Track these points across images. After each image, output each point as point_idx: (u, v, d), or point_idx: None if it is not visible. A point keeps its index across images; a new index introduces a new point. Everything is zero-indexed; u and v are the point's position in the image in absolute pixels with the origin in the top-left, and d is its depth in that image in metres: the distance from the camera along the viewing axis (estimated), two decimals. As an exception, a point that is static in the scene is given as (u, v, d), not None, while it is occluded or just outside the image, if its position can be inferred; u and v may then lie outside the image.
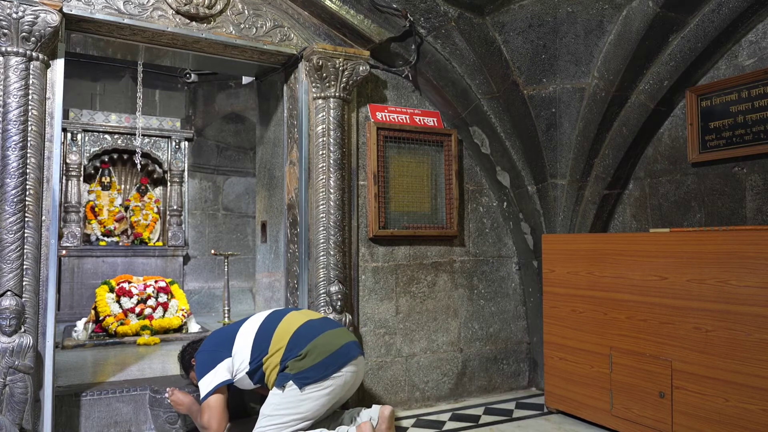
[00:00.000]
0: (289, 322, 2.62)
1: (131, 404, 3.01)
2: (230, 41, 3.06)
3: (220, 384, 2.54)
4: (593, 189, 3.64)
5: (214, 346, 2.67)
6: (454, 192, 3.72)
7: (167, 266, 6.97)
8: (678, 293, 2.68)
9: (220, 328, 2.94)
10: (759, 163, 3.06)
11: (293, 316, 2.67)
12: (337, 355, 2.51)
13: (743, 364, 2.41)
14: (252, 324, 2.69)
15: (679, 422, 2.65)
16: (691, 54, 3.17)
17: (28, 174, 2.51)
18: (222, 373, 2.55)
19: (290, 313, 2.71)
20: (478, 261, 3.90)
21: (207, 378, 2.54)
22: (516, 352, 3.99)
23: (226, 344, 2.64)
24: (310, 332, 2.56)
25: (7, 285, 2.43)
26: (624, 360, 2.93)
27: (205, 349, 2.68)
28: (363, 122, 3.50)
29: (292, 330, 2.57)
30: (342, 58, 3.19)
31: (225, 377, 2.55)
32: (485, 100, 3.64)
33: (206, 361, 2.60)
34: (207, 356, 2.62)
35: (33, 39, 2.51)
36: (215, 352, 2.62)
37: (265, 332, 2.61)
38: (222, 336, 2.72)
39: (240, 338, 2.64)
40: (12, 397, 2.39)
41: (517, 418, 3.35)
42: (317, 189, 3.22)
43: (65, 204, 6.58)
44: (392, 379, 3.51)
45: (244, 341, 2.62)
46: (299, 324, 2.60)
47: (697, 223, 3.35)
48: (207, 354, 2.64)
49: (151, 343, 4.79)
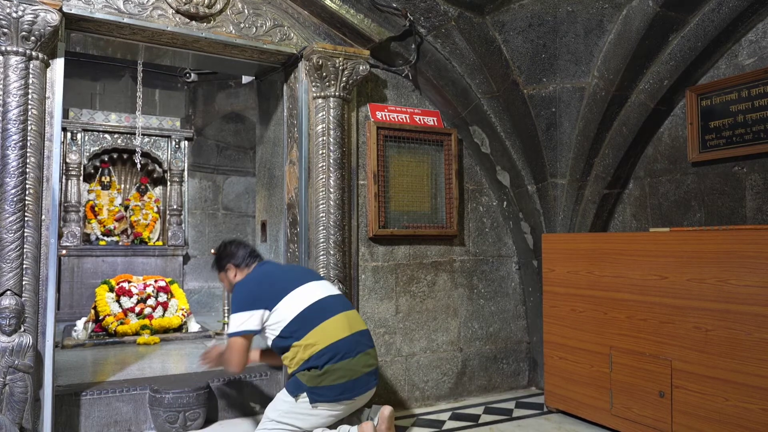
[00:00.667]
0: (335, 327, 2.50)
1: (131, 403, 3.01)
2: (230, 40, 3.06)
3: (248, 332, 2.51)
4: (593, 188, 3.64)
5: (260, 289, 2.58)
6: (454, 191, 3.72)
7: (167, 266, 6.97)
8: (678, 293, 2.68)
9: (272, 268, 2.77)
10: (759, 163, 3.06)
11: (341, 321, 2.53)
12: (356, 383, 2.45)
13: (743, 364, 2.41)
14: (304, 296, 2.57)
15: (678, 421, 2.65)
16: (691, 53, 3.17)
17: (27, 173, 2.51)
18: (254, 321, 2.50)
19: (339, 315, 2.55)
20: (478, 260, 3.90)
21: (239, 317, 2.50)
22: (516, 351, 3.99)
23: (271, 297, 2.55)
24: (346, 348, 2.46)
25: (7, 284, 2.43)
26: (624, 359, 2.93)
27: (249, 286, 2.62)
28: (363, 122, 3.50)
29: (334, 339, 2.46)
30: (342, 58, 3.19)
31: (254, 327, 2.50)
32: (485, 100, 3.64)
33: (246, 299, 2.55)
34: (248, 294, 2.57)
35: (33, 38, 2.51)
36: (258, 297, 2.55)
37: (311, 316, 2.50)
38: (272, 283, 2.61)
39: (288, 302, 2.53)
40: (12, 397, 2.39)
41: (517, 417, 3.35)
42: (317, 188, 3.22)
43: (65, 203, 6.58)
44: (392, 378, 3.51)
45: (289, 308, 2.52)
46: (343, 335, 2.49)
47: (697, 222, 3.34)
48: (249, 292, 2.58)
49: (150, 342, 4.79)
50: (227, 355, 2.55)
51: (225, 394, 3.24)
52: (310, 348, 2.44)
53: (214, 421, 3.17)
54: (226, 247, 2.88)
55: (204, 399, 3.07)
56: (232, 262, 2.81)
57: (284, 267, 2.94)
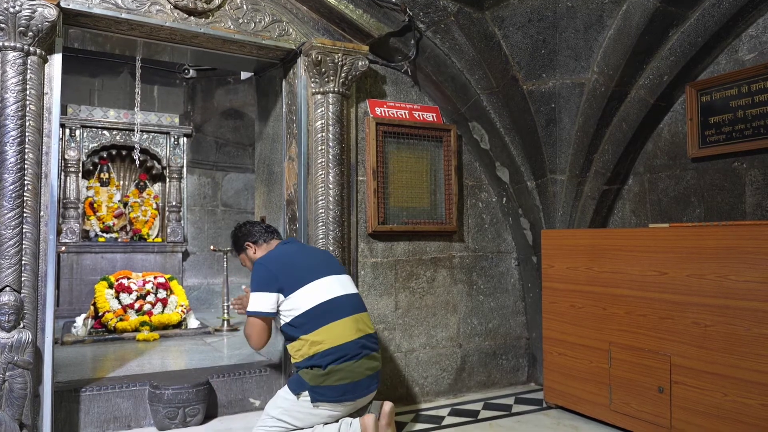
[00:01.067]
0: (344, 329, 2.48)
1: (131, 399, 3.01)
2: (228, 36, 3.05)
3: (263, 315, 2.51)
4: (593, 184, 3.63)
5: (280, 271, 2.55)
6: (454, 187, 3.71)
7: (166, 262, 6.97)
8: (677, 288, 2.68)
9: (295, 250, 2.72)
10: (759, 158, 3.06)
11: (350, 324, 2.51)
12: (358, 385, 2.45)
13: (742, 359, 2.41)
14: (321, 290, 2.53)
15: (677, 417, 2.66)
16: (691, 49, 3.16)
17: (26, 169, 2.51)
18: (270, 303, 2.49)
19: (350, 318, 2.53)
20: (478, 256, 3.90)
21: (257, 297, 2.50)
22: (515, 347, 4.00)
23: (289, 283, 2.51)
24: (351, 351, 2.45)
25: (6, 281, 2.43)
26: (623, 355, 2.94)
27: (268, 266, 2.57)
28: (362, 117, 3.49)
29: (341, 341, 2.44)
30: (341, 53, 3.18)
31: (270, 309, 2.49)
32: (484, 96, 3.63)
33: (263, 279, 2.53)
34: (266, 274, 2.53)
35: (30, 34, 2.50)
36: (275, 279, 2.52)
37: (323, 313, 2.48)
38: (292, 267, 2.57)
39: (304, 292, 2.50)
40: (11, 393, 2.39)
41: (516, 413, 3.36)
42: (316, 184, 3.21)
43: (64, 200, 6.57)
44: (391, 374, 3.51)
45: (303, 300, 2.49)
46: (350, 339, 2.47)
47: (697, 218, 3.34)
48: (267, 272, 2.54)
49: (150, 338, 4.79)
50: (247, 331, 2.57)
51: (224, 390, 3.24)
52: (316, 345, 2.43)
53: (214, 417, 3.17)
54: (240, 228, 2.91)
55: (203, 395, 3.07)
56: (250, 239, 2.83)
57: (307, 251, 2.81)
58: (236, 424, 3.08)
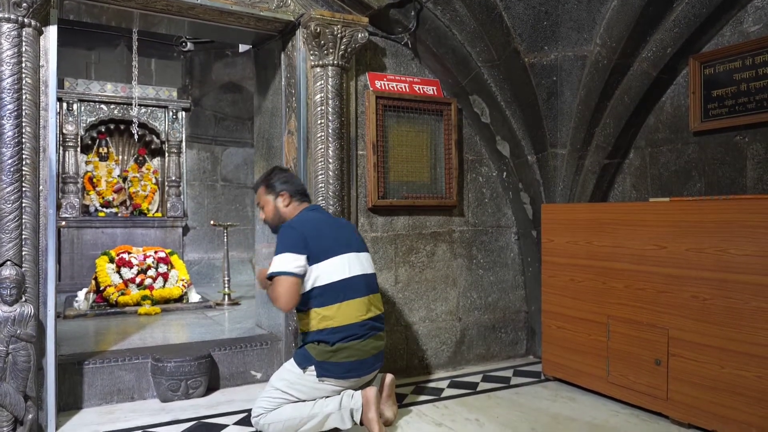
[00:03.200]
0: (356, 308, 2.47)
1: (134, 372, 3.05)
2: (226, 7, 3.00)
3: (290, 275, 2.35)
4: (593, 158, 3.62)
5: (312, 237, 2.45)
6: (454, 162, 3.70)
7: (167, 237, 6.99)
8: (676, 262, 2.69)
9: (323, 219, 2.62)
10: (761, 132, 3.04)
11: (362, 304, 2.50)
12: (363, 363, 2.47)
13: (739, 332, 2.43)
14: (342, 266, 2.48)
15: (673, 389, 2.69)
16: (696, 20, 3.11)
17: (24, 143, 2.49)
18: (299, 264, 2.37)
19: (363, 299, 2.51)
20: (477, 231, 3.91)
21: (287, 258, 2.36)
22: (514, 321, 4.03)
23: (317, 251, 2.43)
24: (360, 331, 2.45)
25: (7, 255, 2.43)
26: (621, 328, 2.96)
27: (302, 230, 2.45)
28: (362, 91, 3.46)
29: (351, 321, 2.44)
30: (340, 25, 3.14)
31: (297, 271, 2.37)
32: (485, 68, 3.59)
33: (296, 241, 2.41)
34: (299, 237, 2.42)
35: (25, 5, 2.45)
36: (306, 244, 2.41)
37: (339, 290, 2.45)
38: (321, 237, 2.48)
39: (327, 265, 2.44)
40: (15, 365, 2.42)
41: (515, 385, 3.40)
42: (316, 159, 3.20)
43: (63, 175, 6.55)
44: (392, 347, 3.54)
45: (325, 272, 2.43)
46: (360, 319, 2.47)
47: (698, 192, 3.34)
48: (301, 235, 2.42)
49: (152, 312, 4.83)
50: (277, 291, 2.36)
51: (226, 363, 3.27)
52: (326, 320, 2.43)
53: (216, 390, 3.21)
54: (285, 172, 2.73)
55: (206, 367, 3.11)
56: (288, 189, 2.63)
57: (333, 222, 2.69)
58: (238, 396, 3.12)
